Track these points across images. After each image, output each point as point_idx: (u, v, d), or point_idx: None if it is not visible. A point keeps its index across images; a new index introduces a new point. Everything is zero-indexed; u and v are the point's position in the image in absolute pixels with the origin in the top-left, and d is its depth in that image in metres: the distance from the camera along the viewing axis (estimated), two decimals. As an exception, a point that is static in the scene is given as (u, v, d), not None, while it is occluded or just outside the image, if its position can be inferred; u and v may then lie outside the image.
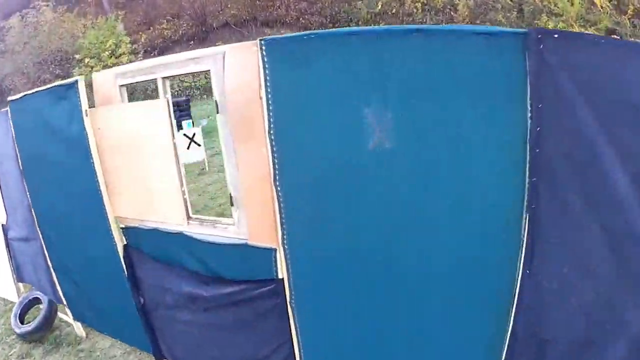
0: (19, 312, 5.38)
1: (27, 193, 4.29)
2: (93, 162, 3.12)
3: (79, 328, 4.98)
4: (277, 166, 2.28)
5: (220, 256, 2.81)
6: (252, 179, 2.39)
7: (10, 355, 5.16)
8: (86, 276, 4.09)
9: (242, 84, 2.27)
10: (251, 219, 2.50)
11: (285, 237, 2.42)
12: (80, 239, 3.85)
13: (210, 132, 12.02)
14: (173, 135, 2.63)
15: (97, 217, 3.43)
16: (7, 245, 5.30)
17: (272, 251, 2.51)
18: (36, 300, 5.51)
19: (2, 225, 5.28)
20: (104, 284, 3.95)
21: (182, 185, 2.75)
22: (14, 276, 5.41)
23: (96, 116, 3.01)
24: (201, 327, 3.25)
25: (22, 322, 5.35)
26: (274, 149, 2.25)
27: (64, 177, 3.60)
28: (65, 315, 5.04)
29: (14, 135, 4.09)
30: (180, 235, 2.97)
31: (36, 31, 18.67)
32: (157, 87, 2.62)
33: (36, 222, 4.31)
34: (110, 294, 3.96)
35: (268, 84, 2.18)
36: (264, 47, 2.15)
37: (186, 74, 2.45)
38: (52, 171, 3.71)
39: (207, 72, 2.35)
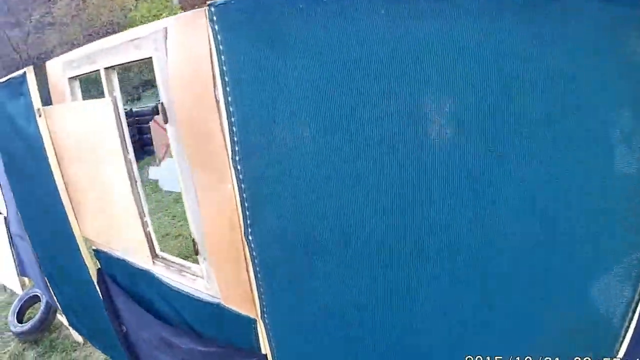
0: (17, 308, 4.99)
1: (11, 191, 3.78)
2: (52, 172, 2.48)
3: (76, 334, 4.54)
4: (248, 211, 1.51)
5: (192, 309, 2.09)
6: (218, 225, 1.60)
7: (3, 353, 4.79)
8: (69, 291, 3.54)
9: (191, 79, 1.42)
10: (222, 277, 1.73)
11: (265, 309, 1.66)
12: (57, 253, 3.27)
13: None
14: (127, 150, 1.90)
15: (65, 235, 2.80)
16: (11, 238, 4.92)
17: (252, 321, 1.78)
18: (38, 298, 5.12)
19: (5, 217, 4.88)
20: (85, 303, 3.39)
21: (143, 215, 2.04)
22: (18, 270, 5.04)
23: (51, 116, 2.33)
24: (183, 375, 2.61)
25: (21, 319, 4.99)
26: (243, 185, 1.44)
27: (32, 183, 2.99)
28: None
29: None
30: (148, 273, 2.30)
31: (85, 4, 18.45)
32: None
33: (22, 223, 3.80)
34: (93, 314, 3.40)
35: (226, 78, 1.33)
36: (215, 17, 1.29)
37: (131, 63, 1.67)
38: (24, 174, 3.13)
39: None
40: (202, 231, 1.69)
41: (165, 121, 1.58)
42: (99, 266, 2.80)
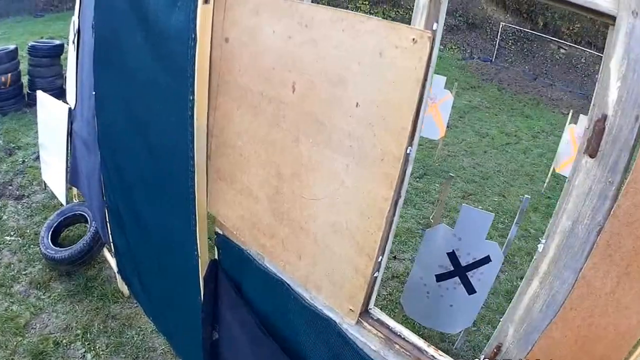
0: (54, 224, 4.13)
1: (94, 90, 2.86)
2: (193, 101, 1.52)
3: (122, 284, 3.74)
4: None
5: None
6: None
7: (24, 274, 4.04)
8: (143, 253, 2.69)
9: None
10: None
11: None
12: (144, 204, 2.38)
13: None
14: (412, 139, 0.93)
15: (173, 192, 1.89)
16: (70, 134, 4.08)
17: None
18: (83, 219, 4.30)
19: (70, 109, 4.02)
20: (168, 284, 2.54)
21: (380, 252, 1.11)
22: (67, 176, 4.23)
23: (231, 12, 1.37)
24: None
25: (56, 238, 4.20)
26: None
27: (143, 95, 2.03)
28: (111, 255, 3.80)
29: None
30: (335, 327, 1.38)
31: None
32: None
33: (97, 136, 2.91)
34: (170, 295, 2.57)
35: None
36: None
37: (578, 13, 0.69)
38: (131, 77, 2.16)
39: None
40: None
41: (593, 152, 0.65)
42: (216, 257, 1.92)
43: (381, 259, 1.17)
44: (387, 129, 0.95)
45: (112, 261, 3.62)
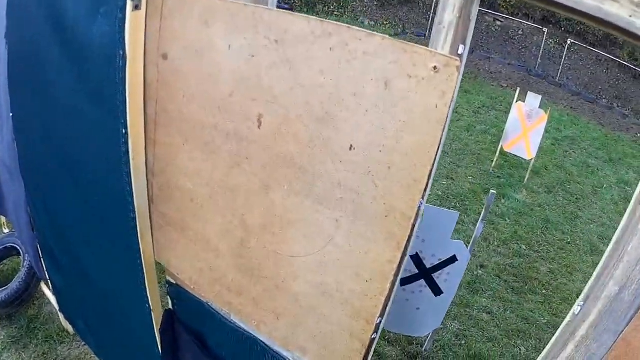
0: None
1: (11, 111, 2.44)
2: (127, 135, 1.21)
3: (66, 322, 3.34)
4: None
5: None
6: None
7: None
8: (90, 301, 2.32)
9: None
10: None
11: None
12: (85, 247, 2.03)
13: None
14: (428, 176, 0.69)
15: (121, 241, 1.57)
16: (-9, 157, 3.58)
17: None
18: (15, 251, 3.83)
19: (-13, 127, 3.51)
20: (118, 331, 2.19)
21: (381, 313, 0.82)
22: (-8, 203, 3.72)
23: (170, 21, 1.07)
24: None
25: None
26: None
27: (66, 123, 1.69)
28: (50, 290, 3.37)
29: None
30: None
31: None
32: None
33: (19, 162, 2.50)
34: (127, 347, 2.22)
35: None
36: None
37: None
38: (51, 100, 1.79)
39: None
40: None
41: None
42: (172, 308, 1.61)
43: (380, 321, 0.93)
44: (394, 180, 0.69)
45: (52, 298, 3.20)
